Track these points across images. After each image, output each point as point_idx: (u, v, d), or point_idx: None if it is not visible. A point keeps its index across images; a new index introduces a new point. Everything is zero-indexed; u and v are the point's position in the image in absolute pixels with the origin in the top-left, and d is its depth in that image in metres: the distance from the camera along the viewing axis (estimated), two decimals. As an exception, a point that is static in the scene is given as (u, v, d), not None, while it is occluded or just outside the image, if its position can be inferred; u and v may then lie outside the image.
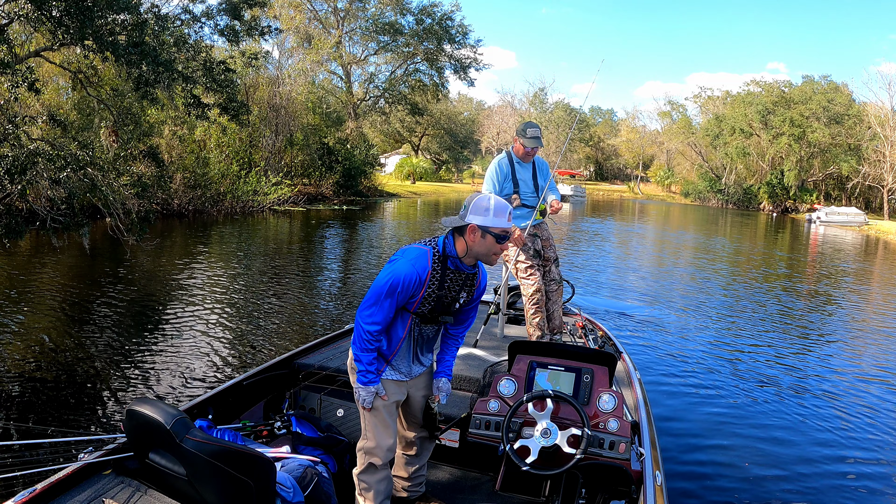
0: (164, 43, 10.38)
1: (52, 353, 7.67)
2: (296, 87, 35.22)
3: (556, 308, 5.78)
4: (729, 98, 71.28)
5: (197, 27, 12.98)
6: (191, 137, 26.89)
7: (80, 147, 9.85)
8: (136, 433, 2.89)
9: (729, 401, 7.40)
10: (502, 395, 3.96)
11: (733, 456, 5.89)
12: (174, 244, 17.18)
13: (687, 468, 5.57)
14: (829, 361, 9.48)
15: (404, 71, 54.86)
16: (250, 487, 2.76)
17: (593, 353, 4.02)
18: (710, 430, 6.48)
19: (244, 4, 13.17)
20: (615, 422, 3.63)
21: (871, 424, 6.92)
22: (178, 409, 2.83)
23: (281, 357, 4.79)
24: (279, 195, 30.06)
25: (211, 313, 9.89)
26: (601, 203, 62.28)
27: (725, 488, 5.25)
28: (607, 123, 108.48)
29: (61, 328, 8.77)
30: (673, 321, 11.45)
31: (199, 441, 2.69)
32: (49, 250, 13.94)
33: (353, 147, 41.59)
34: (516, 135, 5.51)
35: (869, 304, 15.16)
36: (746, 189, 64.94)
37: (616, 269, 18.20)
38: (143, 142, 14.85)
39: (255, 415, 4.42)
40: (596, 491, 3.68)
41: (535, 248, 5.62)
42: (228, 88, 12.40)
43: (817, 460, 5.92)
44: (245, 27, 13.60)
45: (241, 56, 21.16)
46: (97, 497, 2.88)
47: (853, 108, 58.78)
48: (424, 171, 67.23)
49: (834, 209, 48.78)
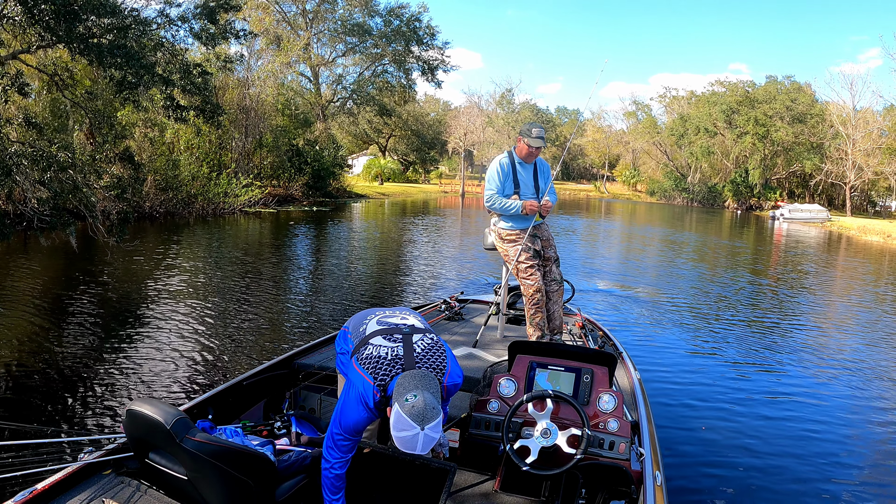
0: (145, 46, 10.55)
1: (50, 353, 7.67)
2: (265, 89, 35.28)
3: (556, 308, 5.75)
4: (694, 98, 72.17)
5: (173, 30, 13.12)
6: (161, 139, 26.89)
7: (60, 149, 10.00)
8: (136, 433, 2.90)
9: (729, 400, 7.38)
10: (502, 395, 3.99)
11: (733, 456, 5.87)
12: (149, 246, 17.13)
13: (687, 468, 5.57)
14: (829, 361, 9.40)
15: (372, 72, 55.07)
16: (250, 487, 2.79)
17: (593, 353, 4.05)
18: (710, 430, 6.48)
19: (220, 8, 13.33)
20: (615, 422, 3.66)
21: (877, 423, 6.92)
22: (178, 409, 2.84)
23: (281, 357, 4.77)
24: (249, 197, 30.14)
25: (210, 313, 9.98)
26: (568, 202, 62.79)
27: (725, 488, 5.26)
28: (573, 123, 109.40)
29: (58, 328, 8.78)
30: (673, 320, 11.52)
31: (198, 441, 2.70)
32: (32, 250, 13.77)
33: (322, 148, 41.74)
34: (520, 135, 5.49)
35: (844, 296, 15.72)
36: (711, 187, 65.89)
37: (615, 267, 18.42)
38: (117, 144, 14.92)
39: (254, 415, 4.42)
40: (596, 491, 3.69)
41: (535, 249, 5.61)
42: (205, 91, 12.58)
43: (818, 460, 5.88)
44: (220, 30, 13.76)
45: (217, 59, 21.21)
46: (97, 497, 2.89)
47: (816, 107, 59.70)
48: (392, 172, 67.42)
49: (797, 206, 49.72)
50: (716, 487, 5.25)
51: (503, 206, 5.49)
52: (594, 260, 19.65)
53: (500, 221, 5.67)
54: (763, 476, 5.49)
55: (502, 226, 5.65)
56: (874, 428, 6.82)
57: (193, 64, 12.73)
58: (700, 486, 5.27)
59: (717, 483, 5.33)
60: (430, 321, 6.18)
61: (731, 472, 5.55)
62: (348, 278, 14.13)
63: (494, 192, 5.50)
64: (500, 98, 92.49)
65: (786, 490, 5.28)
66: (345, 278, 14.07)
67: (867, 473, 5.75)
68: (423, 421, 2.59)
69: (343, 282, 13.61)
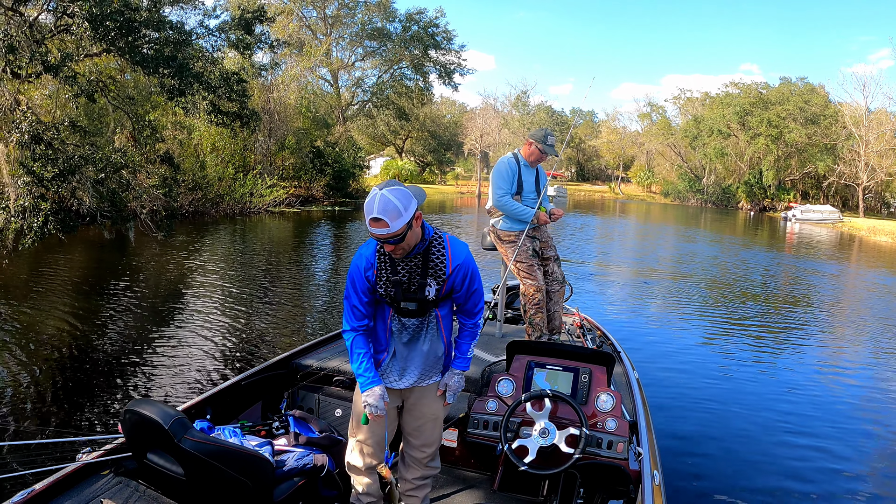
0: (192, 56, 11.51)
1: (50, 353, 7.76)
2: (288, 93, 36.32)
3: (557, 308, 5.73)
4: (708, 99, 72.38)
5: (212, 40, 14.09)
6: (189, 141, 27.99)
7: (113, 151, 10.96)
8: (135, 433, 2.90)
9: (728, 400, 7.42)
10: (500, 394, 4.00)
11: (732, 455, 5.89)
12: (177, 244, 17.56)
13: (685, 467, 5.57)
14: (828, 361, 9.52)
15: (390, 76, 56.06)
16: (248, 487, 2.79)
17: (591, 352, 4.06)
18: (708, 429, 6.48)
19: (255, 20, 14.29)
20: (613, 421, 3.67)
21: (879, 421, 7.01)
22: (177, 410, 2.85)
23: (279, 357, 4.75)
24: (274, 197, 31.21)
25: (210, 313, 10.13)
26: (583, 203, 63.24)
27: (724, 487, 5.26)
28: (588, 125, 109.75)
29: (59, 326, 8.93)
30: (673, 321, 11.64)
31: (197, 441, 2.71)
32: (55, 248, 14.01)
33: (342, 150, 42.74)
34: (532, 139, 5.48)
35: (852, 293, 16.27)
36: (725, 189, 65.89)
37: (615, 266, 18.88)
38: (157, 147, 15.88)
39: (253, 415, 4.40)
40: (594, 490, 3.71)
41: (533, 249, 5.59)
42: (243, 98, 13.53)
43: (819, 460, 5.90)
44: (255, 40, 14.72)
45: (252, 67, 22.26)
46: (95, 497, 2.90)
47: (829, 108, 59.67)
48: (409, 173, 68.21)
49: (809, 207, 49.99)
50: (714, 487, 5.27)
51: (515, 209, 5.46)
52: (600, 256, 20.25)
53: (499, 222, 5.63)
54: (763, 476, 5.50)
55: (501, 227, 5.61)
56: (879, 430, 6.82)
57: (231, 72, 13.69)
58: (698, 485, 5.29)
59: (715, 483, 5.35)
60: None
61: (729, 472, 5.56)
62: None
63: (507, 194, 5.47)
64: (515, 100, 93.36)
65: (786, 490, 5.29)
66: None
67: (870, 474, 5.73)
68: (384, 186, 2.84)
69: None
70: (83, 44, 10.47)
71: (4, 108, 10.08)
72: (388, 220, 2.78)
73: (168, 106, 16.10)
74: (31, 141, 9.58)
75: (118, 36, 9.13)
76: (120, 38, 9.15)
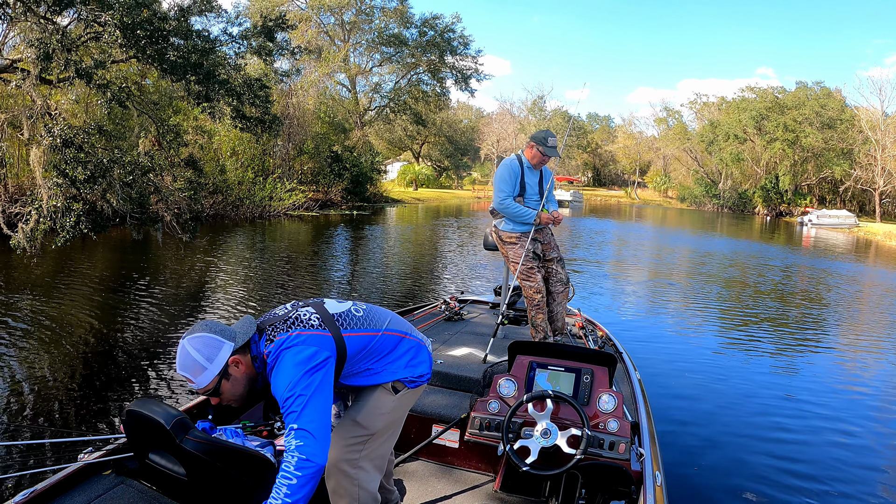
0: (218, 63, 11.91)
1: (51, 353, 7.74)
2: (306, 99, 36.82)
3: (560, 309, 5.71)
4: (724, 104, 72.35)
5: (235, 47, 14.50)
6: (210, 146, 28.48)
7: (141, 155, 11.36)
8: (136, 433, 2.87)
9: (730, 400, 7.39)
10: (502, 395, 3.98)
11: (734, 456, 5.87)
12: (198, 246, 17.49)
13: (687, 468, 5.55)
14: (838, 363, 9.48)
15: (407, 81, 56.53)
16: (250, 488, 2.78)
17: (593, 353, 4.05)
18: (710, 430, 6.45)
19: (277, 28, 14.69)
20: (615, 422, 3.66)
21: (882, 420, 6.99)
22: (178, 410, 2.82)
23: None
24: (293, 201, 31.71)
25: (224, 313, 10.21)
26: (599, 207, 63.39)
27: (726, 488, 5.24)
28: (604, 130, 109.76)
29: (74, 324, 8.97)
30: (673, 320, 11.69)
31: (198, 441, 2.68)
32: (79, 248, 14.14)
33: (360, 155, 43.20)
34: (533, 141, 5.48)
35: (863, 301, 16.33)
36: (741, 194, 65.83)
37: (616, 267, 19.11)
38: (180, 151, 16.30)
39: (254, 415, 4.27)
40: (596, 491, 3.67)
41: (534, 251, 5.58)
42: (266, 104, 13.92)
43: (820, 459, 5.89)
44: (277, 47, 15.12)
45: (275, 73, 22.72)
46: (97, 497, 2.88)
47: (846, 112, 59.60)
48: (426, 178, 68.57)
49: (825, 212, 49.91)
50: (717, 487, 5.25)
51: (517, 211, 5.48)
52: (610, 259, 20.51)
53: (501, 224, 5.64)
54: (764, 476, 5.47)
55: (504, 228, 5.62)
56: (883, 430, 6.82)
57: (254, 79, 14.08)
58: (700, 486, 5.28)
59: (717, 483, 5.33)
60: (429, 321, 6.29)
61: (731, 472, 5.54)
62: (383, 280, 14.71)
63: (509, 196, 5.48)
64: (531, 105, 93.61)
65: (786, 490, 5.27)
66: (386, 279, 14.90)
67: (872, 474, 5.70)
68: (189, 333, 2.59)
69: (383, 284, 14.55)
70: (111, 51, 10.89)
71: (36, 113, 10.51)
72: (191, 377, 2.56)
73: (189, 111, 16.46)
74: (62, 145, 9.99)
75: (148, 44, 9.52)
76: (149, 46, 9.54)
